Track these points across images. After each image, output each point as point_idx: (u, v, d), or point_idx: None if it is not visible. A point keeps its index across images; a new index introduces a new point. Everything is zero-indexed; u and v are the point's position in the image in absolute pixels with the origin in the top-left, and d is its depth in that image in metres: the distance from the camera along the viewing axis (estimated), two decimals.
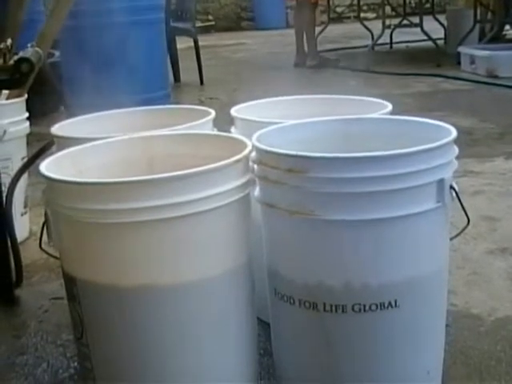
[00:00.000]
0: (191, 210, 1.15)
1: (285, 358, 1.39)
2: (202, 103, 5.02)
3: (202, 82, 5.98)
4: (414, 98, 4.92)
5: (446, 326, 1.42)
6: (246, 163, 1.25)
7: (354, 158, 1.17)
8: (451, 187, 1.24)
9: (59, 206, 1.20)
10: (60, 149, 1.45)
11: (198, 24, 10.60)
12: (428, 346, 1.34)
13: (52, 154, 1.42)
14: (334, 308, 1.24)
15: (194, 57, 6.10)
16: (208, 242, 1.19)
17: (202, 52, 6.24)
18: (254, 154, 1.29)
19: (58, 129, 1.61)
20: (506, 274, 1.96)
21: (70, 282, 1.25)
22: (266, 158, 1.25)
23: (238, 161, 1.20)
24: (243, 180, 1.23)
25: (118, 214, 1.13)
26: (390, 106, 1.62)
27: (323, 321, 1.25)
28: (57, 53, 4.10)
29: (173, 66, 5.97)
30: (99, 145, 1.42)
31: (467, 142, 3.42)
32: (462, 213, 1.30)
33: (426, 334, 1.32)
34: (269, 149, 1.25)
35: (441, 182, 1.21)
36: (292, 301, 1.28)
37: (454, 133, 1.28)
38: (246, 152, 1.24)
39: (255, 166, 1.29)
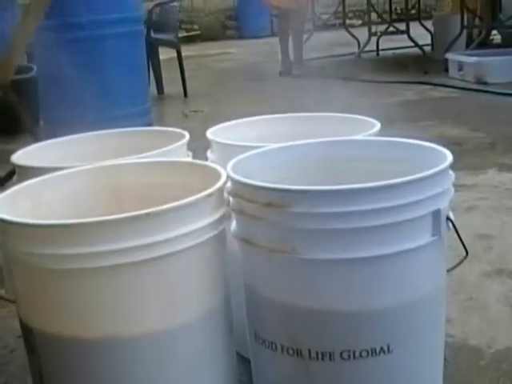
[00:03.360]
0: (159, 253, 1.03)
1: None
2: (185, 116, 4.91)
3: (185, 94, 5.86)
4: (401, 106, 4.81)
5: (444, 360, 1.30)
6: (219, 196, 1.13)
7: (338, 191, 1.05)
8: (447, 218, 1.12)
9: (12, 250, 1.07)
10: (21, 178, 1.34)
11: (183, 34, 10.53)
12: None
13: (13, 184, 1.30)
14: (320, 355, 1.12)
15: (178, 68, 5.98)
16: (179, 286, 1.07)
17: (186, 62, 6.13)
18: (229, 184, 1.17)
19: (20, 156, 1.49)
20: (504, 298, 1.85)
21: (27, 332, 1.13)
22: (242, 190, 1.13)
23: (209, 195, 1.08)
24: (217, 215, 1.11)
25: (76, 258, 1.01)
26: (378, 125, 1.50)
27: (309, 369, 1.13)
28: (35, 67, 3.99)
29: (156, 78, 5.86)
30: (61, 175, 1.30)
31: (457, 153, 3.28)
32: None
33: (423, 377, 1.21)
34: (245, 181, 1.13)
35: (436, 213, 1.10)
36: (274, 347, 1.16)
37: (449, 157, 1.17)
38: (219, 184, 1.12)
39: (231, 199, 1.17)
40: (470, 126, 4.01)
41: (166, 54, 6.27)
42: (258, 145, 1.38)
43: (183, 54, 6.09)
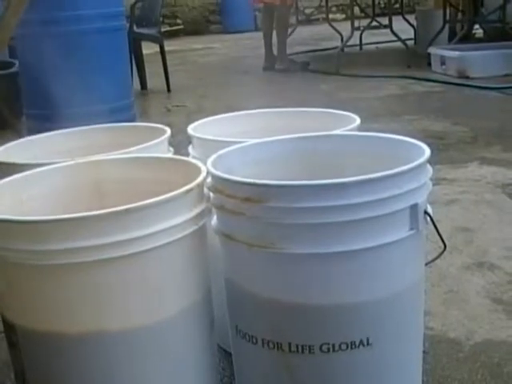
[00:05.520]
0: (139, 248, 1.03)
1: None
2: (168, 111, 4.91)
3: (169, 89, 5.84)
4: (384, 101, 4.83)
5: (423, 352, 1.32)
6: (199, 191, 1.13)
7: (316, 186, 1.06)
8: (425, 212, 1.13)
9: None
10: (3, 175, 1.34)
11: (166, 28, 10.49)
12: (404, 382, 1.24)
13: None
14: (300, 348, 1.13)
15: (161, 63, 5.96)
16: (160, 281, 1.08)
17: (170, 57, 6.11)
18: (209, 179, 1.18)
19: (1, 153, 1.49)
20: (484, 291, 1.87)
21: (8, 328, 1.13)
22: (221, 185, 1.14)
23: (189, 190, 1.09)
24: (197, 211, 1.12)
25: (56, 254, 1.01)
26: (357, 120, 1.51)
27: (289, 362, 1.14)
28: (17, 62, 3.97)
29: (139, 73, 5.84)
30: (43, 171, 1.30)
31: (439, 147, 3.34)
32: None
33: (402, 370, 1.22)
34: (224, 176, 1.13)
35: (414, 207, 1.11)
36: (255, 340, 1.17)
37: (427, 152, 1.18)
38: (198, 180, 1.13)
39: (211, 194, 1.17)
40: (452, 120, 4.03)
41: (149, 48, 6.26)
42: (238, 140, 1.39)
43: (166, 48, 6.07)
